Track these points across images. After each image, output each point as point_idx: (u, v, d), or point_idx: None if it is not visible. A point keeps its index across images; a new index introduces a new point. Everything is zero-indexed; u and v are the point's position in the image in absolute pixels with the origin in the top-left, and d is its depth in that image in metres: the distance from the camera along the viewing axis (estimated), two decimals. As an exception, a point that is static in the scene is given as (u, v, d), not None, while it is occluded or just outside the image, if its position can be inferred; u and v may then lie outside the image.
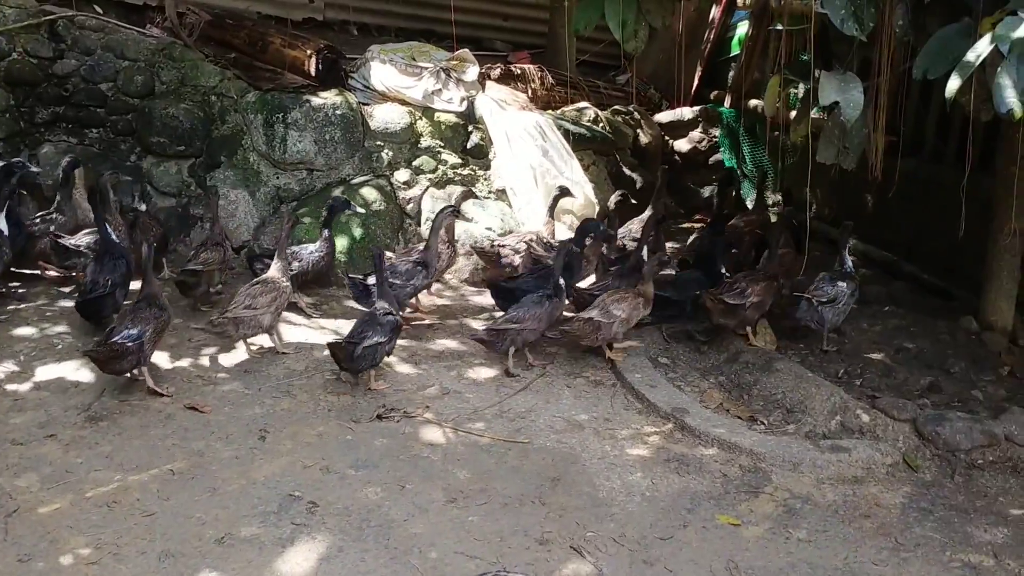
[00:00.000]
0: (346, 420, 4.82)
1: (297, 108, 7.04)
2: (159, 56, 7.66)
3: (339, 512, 3.97)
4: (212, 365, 5.38)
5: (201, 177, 7.35)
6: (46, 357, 5.30)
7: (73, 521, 3.78)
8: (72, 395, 4.88)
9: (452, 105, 7.62)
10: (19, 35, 7.54)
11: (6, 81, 7.56)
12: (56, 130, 7.70)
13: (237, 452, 4.41)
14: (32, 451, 4.30)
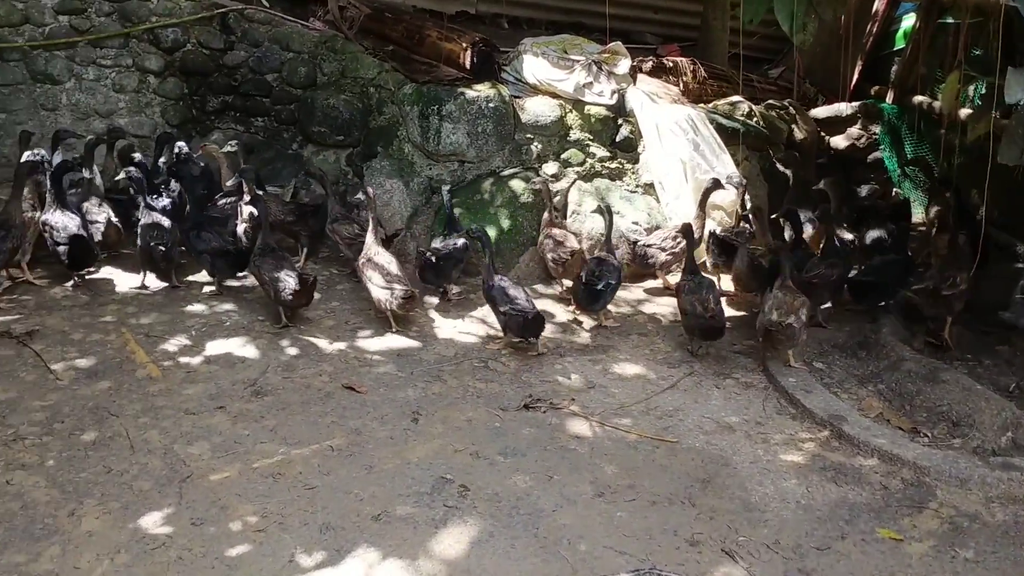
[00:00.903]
0: (494, 408, 4.88)
1: (452, 100, 7.16)
2: (321, 48, 7.96)
3: (489, 497, 4.03)
4: (367, 348, 5.55)
5: (358, 166, 7.60)
6: (215, 333, 5.60)
7: (241, 489, 3.98)
8: (239, 370, 5.14)
9: (603, 98, 7.57)
10: (193, 27, 8.00)
11: (181, 71, 8.04)
12: (225, 118, 8.14)
13: (391, 433, 4.54)
14: (203, 421, 4.56)
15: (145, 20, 7.85)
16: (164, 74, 8.00)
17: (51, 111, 7.80)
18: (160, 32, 7.88)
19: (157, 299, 6.07)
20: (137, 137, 7.86)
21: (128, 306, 5.93)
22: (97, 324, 5.61)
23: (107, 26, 7.83)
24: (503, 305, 5.48)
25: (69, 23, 7.76)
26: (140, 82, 7.96)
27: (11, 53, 7.65)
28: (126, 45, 7.90)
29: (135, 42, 7.90)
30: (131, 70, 7.93)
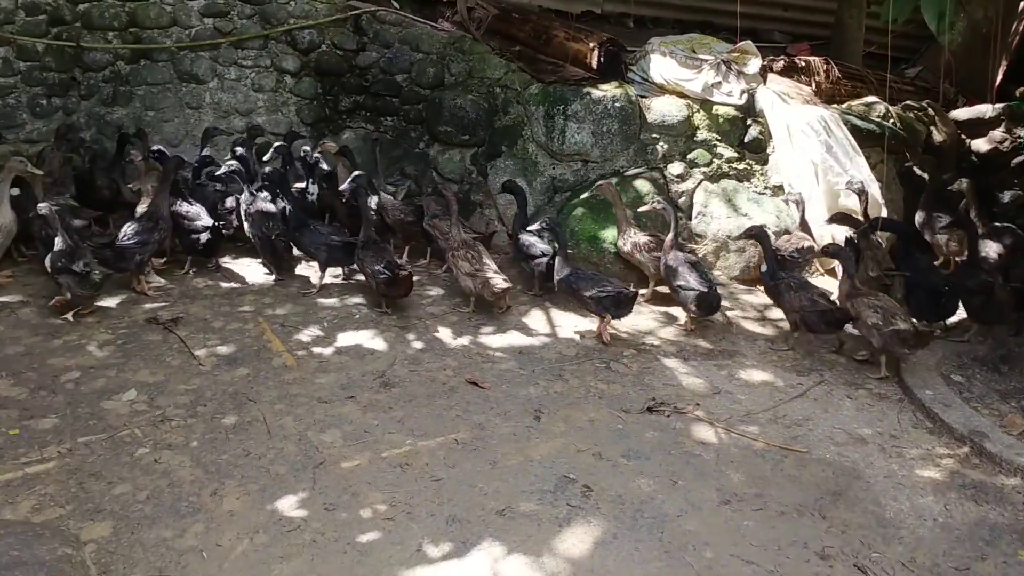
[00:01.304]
0: (616, 409, 4.86)
1: (577, 100, 7.17)
2: (450, 49, 8.11)
3: (612, 499, 4.02)
4: (490, 344, 5.62)
5: (482, 165, 7.70)
6: (346, 325, 5.78)
7: (371, 478, 4.10)
8: (368, 361, 5.29)
9: (732, 98, 7.44)
10: (328, 29, 8.27)
11: (316, 71, 8.33)
12: (356, 117, 8.39)
13: (514, 429, 4.58)
14: (335, 410, 4.71)
15: (284, 22, 8.17)
16: (300, 74, 8.30)
17: (195, 109, 8.21)
18: (297, 34, 8.18)
19: (291, 291, 6.32)
20: (273, 135, 8.19)
21: (264, 296, 6.19)
22: (236, 313, 5.88)
23: (248, 28, 8.19)
24: (679, 280, 5.83)
25: (213, 25, 8.15)
26: (277, 82, 8.29)
27: (160, 54, 8.09)
28: (265, 46, 8.24)
29: (274, 43, 8.24)
30: (269, 70, 8.27)
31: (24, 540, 2.96)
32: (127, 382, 4.87)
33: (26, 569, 2.79)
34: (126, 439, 4.31)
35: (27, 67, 7.82)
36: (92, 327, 5.55)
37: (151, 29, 8.01)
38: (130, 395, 4.73)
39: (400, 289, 5.93)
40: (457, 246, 6.17)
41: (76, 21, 7.88)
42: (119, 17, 7.92)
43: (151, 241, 6.09)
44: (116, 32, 7.97)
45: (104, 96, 8.02)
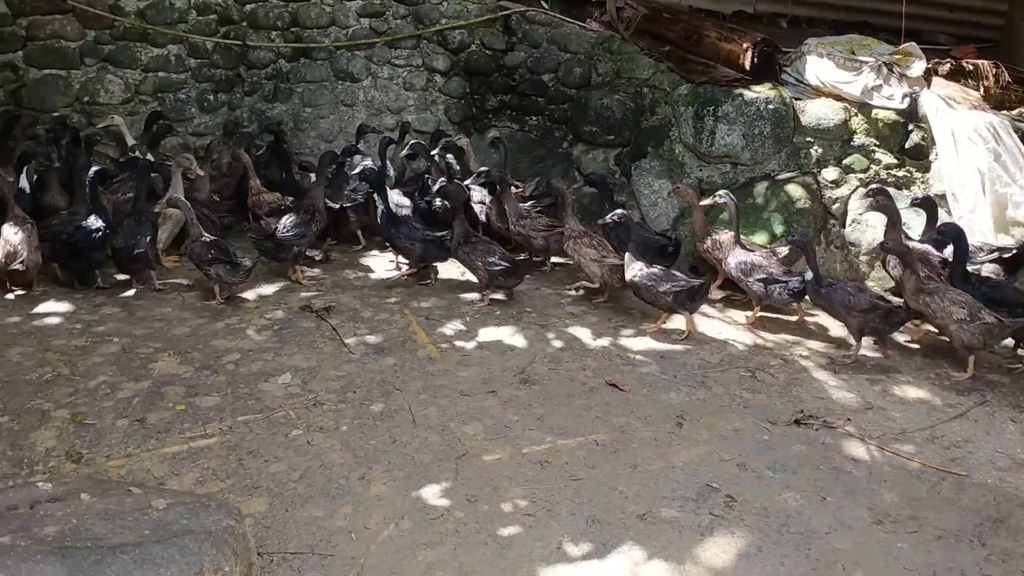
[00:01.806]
0: (762, 419, 4.73)
1: (729, 102, 7.02)
2: (598, 49, 8.09)
3: (757, 511, 3.91)
4: (630, 347, 5.58)
5: (626, 166, 7.65)
6: (487, 321, 5.86)
7: (512, 472, 4.14)
8: (508, 358, 5.35)
9: (892, 102, 7.11)
10: (478, 29, 8.40)
11: (465, 71, 8.48)
12: (502, 116, 8.48)
13: (655, 434, 4.53)
14: (477, 403, 4.78)
15: (436, 22, 8.35)
16: (449, 73, 8.47)
17: (349, 107, 8.50)
18: (448, 34, 8.35)
19: (436, 285, 6.46)
20: (421, 133, 8.38)
21: (410, 289, 6.36)
22: (383, 304, 6.06)
23: (402, 28, 8.41)
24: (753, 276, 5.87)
25: (369, 25, 8.42)
26: (428, 81, 8.49)
27: (319, 53, 8.41)
28: (417, 46, 8.44)
29: (425, 43, 8.43)
30: (420, 69, 8.47)
31: (192, 510, 3.14)
32: (283, 366, 5.10)
33: (194, 537, 2.96)
34: (281, 420, 4.51)
35: (197, 64, 8.29)
36: (251, 312, 5.84)
37: (311, 29, 8.35)
38: (285, 378, 4.95)
39: (517, 278, 6.13)
40: (578, 234, 6.20)
41: (243, 21, 8.29)
42: (282, 17, 8.29)
43: (308, 234, 6.36)
44: (279, 31, 8.34)
45: (266, 92, 8.42)
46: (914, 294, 5.34)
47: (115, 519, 2.95)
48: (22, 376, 4.82)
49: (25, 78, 7.85)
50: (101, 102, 8.01)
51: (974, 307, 5.17)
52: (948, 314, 5.20)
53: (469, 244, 6.13)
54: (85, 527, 2.86)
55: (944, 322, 5.25)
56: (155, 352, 5.20)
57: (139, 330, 5.48)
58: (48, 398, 4.61)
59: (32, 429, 4.31)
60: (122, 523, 2.94)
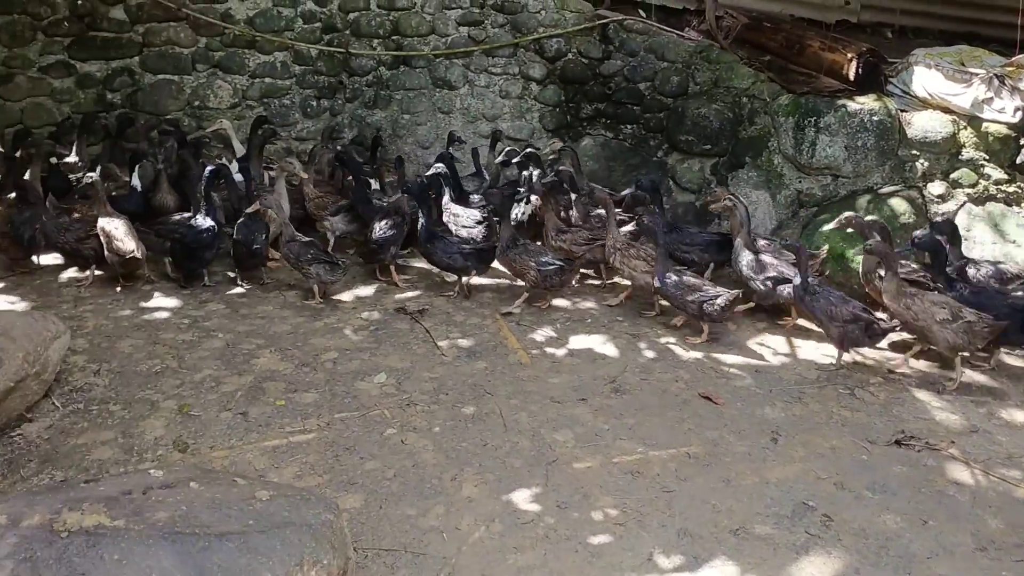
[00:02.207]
0: (860, 438, 4.61)
1: (831, 112, 6.87)
2: (695, 58, 8.02)
3: (855, 532, 3.81)
4: (724, 360, 5.50)
5: (723, 176, 7.56)
6: (578, 329, 5.87)
7: (602, 481, 4.13)
8: (599, 366, 5.34)
9: (1003, 115, 6.84)
10: (575, 37, 8.42)
11: (560, 79, 8.51)
12: (596, 125, 8.48)
13: (749, 449, 4.46)
14: (567, 410, 4.79)
15: (533, 31, 8.41)
16: (545, 82, 8.51)
17: (446, 114, 8.62)
18: (545, 42, 8.39)
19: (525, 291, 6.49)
20: (515, 140, 8.45)
21: (502, 294, 6.41)
22: (475, 309, 6.13)
23: (500, 37, 8.49)
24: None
25: (468, 34, 8.53)
26: (523, 89, 8.55)
27: (418, 61, 8.57)
28: (514, 54, 8.52)
29: (522, 51, 8.49)
30: (516, 77, 8.54)
31: (293, 502, 3.23)
32: (378, 365, 5.20)
33: (295, 529, 3.04)
34: (376, 419, 4.61)
35: (301, 71, 8.54)
36: (349, 313, 5.98)
37: (411, 37, 8.50)
38: (380, 378, 5.05)
39: (569, 277, 6.16)
40: (624, 246, 6.13)
41: (346, 29, 8.51)
42: (384, 25, 8.47)
43: (402, 235, 6.48)
44: (380, 39, 8.52)
45: (366, 99, 8.61)
46: (895, 298, 5.26)
47: (221, 508, 3.06)
48: (133, 367, 5.04)
49: (140, 82, 8.22)
50: (210, 106, 8.33)
51: (955, 307, 5.11)
52: (930, 315, 5.13)
53: (518, 247, 6.13)
54: (193, 514, 2.98)
55: (926, 324, 5.17)
56: (257, 348, 5.37)
57: (242, 327, 5.67)
58: (157, 389, 4.81)
59: (142, 418, 4.50)
60: (227, 512, 3.04)
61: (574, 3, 8.44)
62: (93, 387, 4.79)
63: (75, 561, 2.65)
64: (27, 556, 2.65)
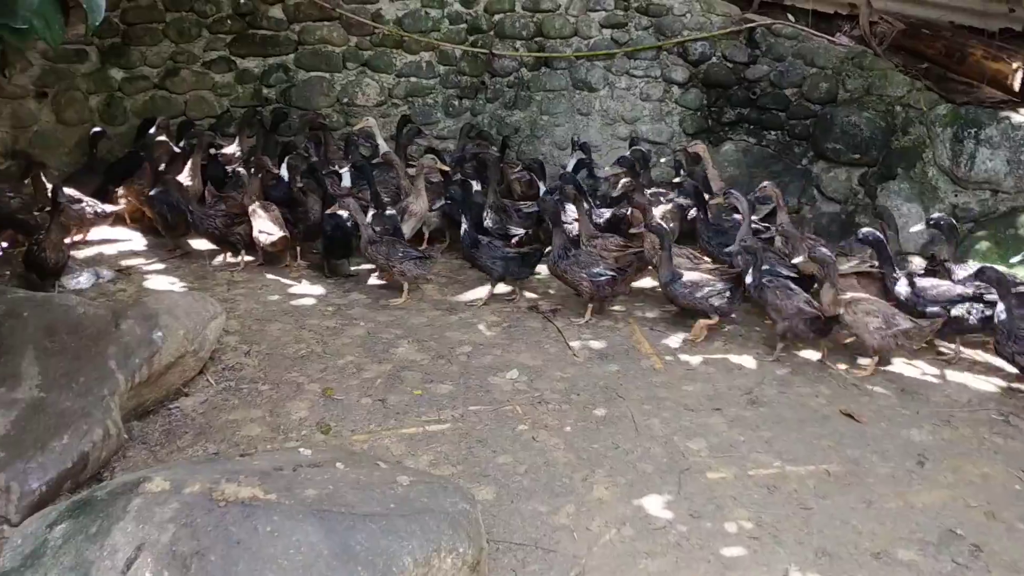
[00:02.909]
0: (1016, 468, 4.34)
1: (993, 124, 6.51)
2: (847, 64, 7.76)
3: (1006, 565, 3.60)
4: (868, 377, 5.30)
5: (871, 187, 7.28)
6: (713, 338, 5.76)
7: (736, 493, 4.05)
8: (735, 376, 5.24)
9: None
10: (720, 41, 8.28)
11: (703, 83, 8.39)
12: (738, 130, 8.32)
13: (893, 471, 4.28)
14: (701, 419, 4.72)
15: (677, 34, 8.32)
16: (687, 85, 8.41)
17: (584, 116, 8.64)
18: (689, 45, 8.29)
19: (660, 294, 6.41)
20: (654, 144, 8.38)
21: (636, 299, 6.38)
22: (608, 311, 6.11)
23: (643, 39, 8.45)
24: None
25: (610, 36, 8.52)
26: (664, 92, 8.47)
27: (559, 62, 8.62)
28: (657, 57, 8.45)
29: (665, 54, 8.42)
30: (658, 80, 8.47)
31: (432, 489, 3.31)
32: (511, 362, 5.27)
33: (433, 516, 3.12)
34: (508, 414, 4.66)
35: (445, 71, 8.73)
36: (482, 309, 6.08)
37: (554, 39, 8.56)
38: (513, 374, 5.11)
39: (624, 287, 6.05)
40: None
41: (491, 30, 8.64)
42: (528, 27, 8.56)
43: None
44: (523, 41, 8.62)
45: (507, 100, 8.72)
46: (831, 304, 5.34)
47: (365, 489, 3.16)
48: (280, 350, 5.27)
49: (294, 79, 8.59)
50: (358, 103, 8.62)
51: (888, 314, 5.22)
52: (863, 325, 5.24)
53: (570, 257, 5.92)
54: (339, 493, 3.09)
55: (859, 332, 5.29)
56: (396, 338, 5.53)
57: (382, 316, 5.85)
58: (302, 372, 5.02)
59: (288, 399, 4.71)
60: (371, 494, 3.14)
61: (721, 6, 8.31)
62: (244, 367, 5.04)
63: (231, 530, 2.80)
64: (187, 521, 2.81)
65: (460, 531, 3.12)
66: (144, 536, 2.75)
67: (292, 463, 3.26)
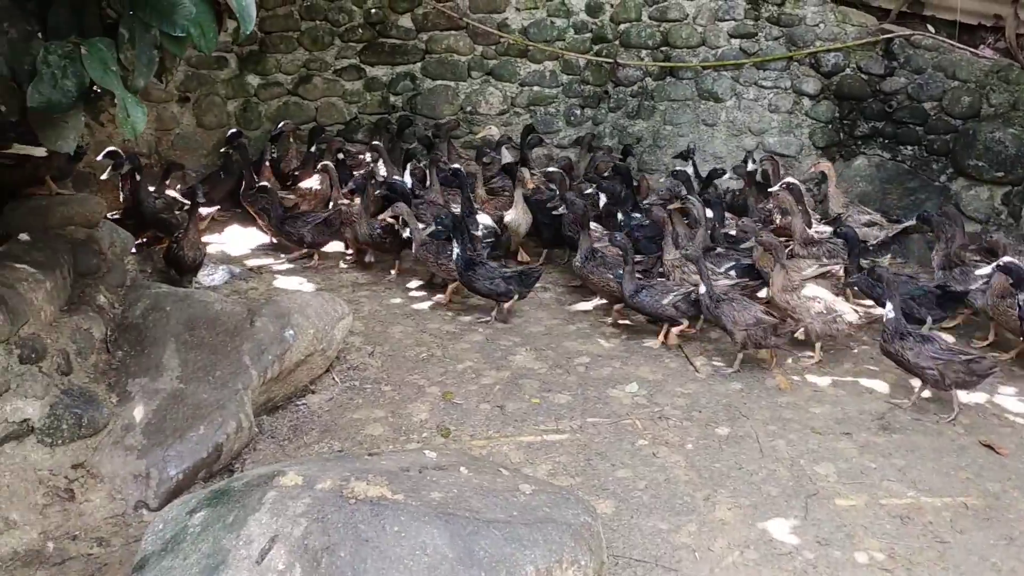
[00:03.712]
0: None
1: None
2: (991, 78, 7.39)
3: None
4: (1008, 406, 5.01)
5: (1015, 207, 6.90)
6: (843, 358, 5.57)
7: (867, 522, 3.88)
8: (866, 400, 5.03)
9: None
10: (855, 52, 8.01)
11: (835, 95, 8.13)
12: (871, 144, 8.02)
13: (1039, 508, 4.02)
14: (829, 443, 4.54)
15: (809, 44, 8.10)
16: (818, 97, 8.17)
17: (710, 126, 8.49)
18: (822, 56, 8.05)
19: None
20: (782, 156, 8.16)
21: (759, 316, 6.20)
22: (731, 327, 5.97)
23: (773, 50, 8.25)
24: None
25: (739, 46, 8.36)
26: (794, 104, 8.25)
27: (685, 72, 8.50)
28: (787, 68, 8.24)
29: (796, 65, 8.20)
30: (787, 92, 8.25)
31: (554, 500, 3.29)
32: (630, 375, 5.21)
33: (555, 526, 3.10)
34: (628, 428, 4.61)
35: (568, 80, 8.73)
36: (601, 319, 6.03)
37: (680, 48, 8.45)
38: (632, 388, 5.05)
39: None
40: (679, 263, 5.94)
41: (616, 40, 8.60)
42: (654, 36, 8.48)
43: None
44: (648, 50, 8.54)
45: (629, 110, 8.66)
46: (780, 291, 5.51)
47: (488, 495, 3.17)
48: (403, 352, 5.36)
49: (420, 87, 8.75)
50: (481, 112, 8.72)
51: (830, 301, 5.41)
52: (806, 308, 5.39)
53: (595, 259, 5.95)
54: (464, 498, 3.11)
55: (803, 316, 5.42)
56: (514, 346, 5.55)
57: (499, 324, 5.87)
58: (423, 375, 5.09)
59: (409, 400, 4.78)
60: (494, 500, 3.15)
61: (856, 17, 8.05)
62: (367, 367, 5.15)
63: (360, 528, 2.85)
64: (319, 516, 2.88)
65: (582, 543, 3.09)
66: (278, 528, 2.83)
67: (418, 465, 3.30)
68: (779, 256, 5.54)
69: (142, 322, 4.49)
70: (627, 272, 5.64)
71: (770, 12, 8.19)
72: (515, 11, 8.59)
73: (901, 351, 4.85)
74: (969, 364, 4.74)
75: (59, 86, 3.11)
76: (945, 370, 4.73)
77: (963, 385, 4.83)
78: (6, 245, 4.27)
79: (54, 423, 3.76)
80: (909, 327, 4.93)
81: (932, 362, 4.74)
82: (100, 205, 5.08)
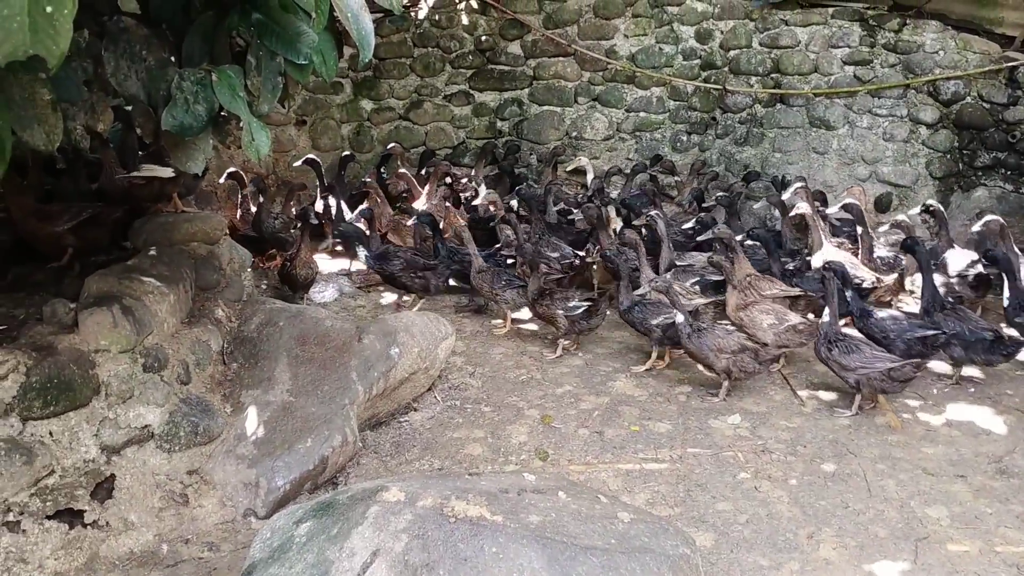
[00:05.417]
0: None
1: None
2: None
3: None
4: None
5: None
6: (957, 397, 5.33)
7: (981, 569, 3.70)
8: (982, 442, 4.80)
9: None
10: (976, 80, 7.72)
11: (955, 124, 7.85)
12: (993, 175, 7.72)
13: None
14: (942, 485, 4.36)
15: (928, 72, 7.85)
16: (936, 126, 7.91)
17: (820, 154, 8.31)
18: (941, 84, 7.80)
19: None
20: (896, 186, 7.92)
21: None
22: (839, 361, 5.80)
23: (888, 77, 8.03)
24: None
25: (853, 73, 8.17)
26: (910, 132, 8.01)
27: (796, 99, 8.36)
28: (903, 96, 8.01)
29: (913, 93, 7.96)
30: (903, 120, 8.02)
31: (652, 529, 3.26)
32: (732, 407, 5.12)
33: (653, 556, 3.07)
34: (729, 460, 4.53)
35: (675, 106, 8.71)
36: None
37: (791, 75, 8.33)
38: (734, 419, 4.96)
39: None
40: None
41: (725, 66, 8.54)
42: (764, 63, 8.38)
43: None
44: (758, 77, 8.44)
45: (737, 136, 8.56)
46: (735, 310, 5.61)
47: (586, 521, 3.17)
48: (503, 374, 5.42)
49: (527, 113, 8.87)
50: (586, 137, 8.77)
51: (781, 313, 5.50)
52: (757, 322, 5.49)
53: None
54: (561, 523, 3.12)
55: (755, 331, 5.50)
56: (613, 372, 5.53)
57: (600, 349, 5.87)
58: (522, 397, 5.13)
59: (508, 422, 4.83)
60: (592, 527, 3.14)
61: (979, 44, 7.77)
62: (468, 387, 5.22)
63: (460, 547, 2.89)
64: (420, 533, 2.93)
65: (680, 575, 3.05)
66: (380, 543, 2.89)
67: (517, 487, 3.32)
68: (728, 276, 5.66)
69: (256, 336, 4.67)
70: (623, 287, 5.68)
71: (887, 39, 7.99)
72: (623, 38, 8.64)
73: (829, 358, 5.03)
74: (890, 372, 4.88)
75: (191, 111, 3.29)
76: (869, 378, 4.92)
77: (886, 391, 5.02)
78: (135, 258, 4.51)
79: (172, 430, 3.95)
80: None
81: (856, 371, 4.93)
82: (221, 223, 5.32)
